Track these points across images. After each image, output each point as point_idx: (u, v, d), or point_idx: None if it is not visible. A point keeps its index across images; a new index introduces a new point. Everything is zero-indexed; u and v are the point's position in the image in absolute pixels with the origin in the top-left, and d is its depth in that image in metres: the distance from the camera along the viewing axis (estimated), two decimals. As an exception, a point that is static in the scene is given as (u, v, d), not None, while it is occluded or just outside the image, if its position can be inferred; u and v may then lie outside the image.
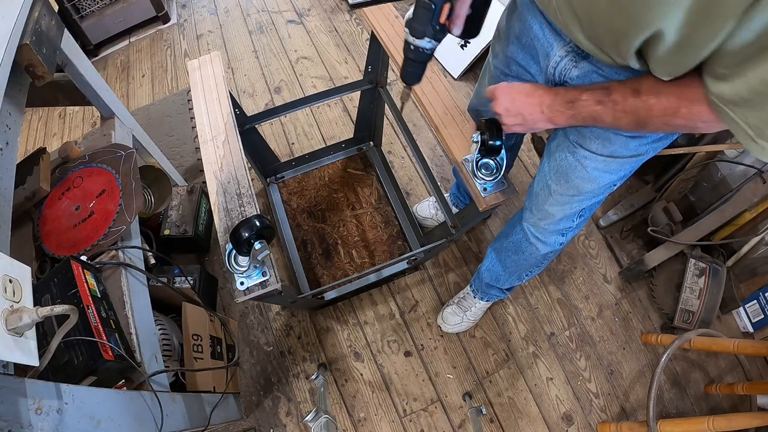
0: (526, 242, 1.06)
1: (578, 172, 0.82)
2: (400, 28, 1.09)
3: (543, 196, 0.93)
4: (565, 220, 0.95)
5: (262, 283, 0.80)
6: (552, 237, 1.00)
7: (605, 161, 0.78)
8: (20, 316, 0.52)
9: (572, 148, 0.81)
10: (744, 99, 0.49)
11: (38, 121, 2.16)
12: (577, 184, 0.85)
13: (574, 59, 0.69)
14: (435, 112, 0.98)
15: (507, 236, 1.14)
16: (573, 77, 0.71)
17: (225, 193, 0.89)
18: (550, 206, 0.93)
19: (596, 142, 0.76)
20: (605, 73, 0.66)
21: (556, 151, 0.85)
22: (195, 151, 1.88)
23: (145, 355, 0.89)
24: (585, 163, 0.80)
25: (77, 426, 0.60)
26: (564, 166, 0.84)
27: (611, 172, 0.80)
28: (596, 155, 0.78)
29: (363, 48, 2.16)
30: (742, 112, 0.50)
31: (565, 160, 0.83)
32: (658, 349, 1.48)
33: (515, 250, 1.12)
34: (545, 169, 0.91)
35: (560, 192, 0.88)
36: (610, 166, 0.79)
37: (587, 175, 0.81)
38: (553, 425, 1.38)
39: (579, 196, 0.87)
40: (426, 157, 1.78)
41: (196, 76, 1.07)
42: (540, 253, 1.05)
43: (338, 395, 1.41)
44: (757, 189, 1.31)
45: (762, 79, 0.46)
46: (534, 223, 1.00)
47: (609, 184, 0.84)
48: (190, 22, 2.37)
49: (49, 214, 1.03)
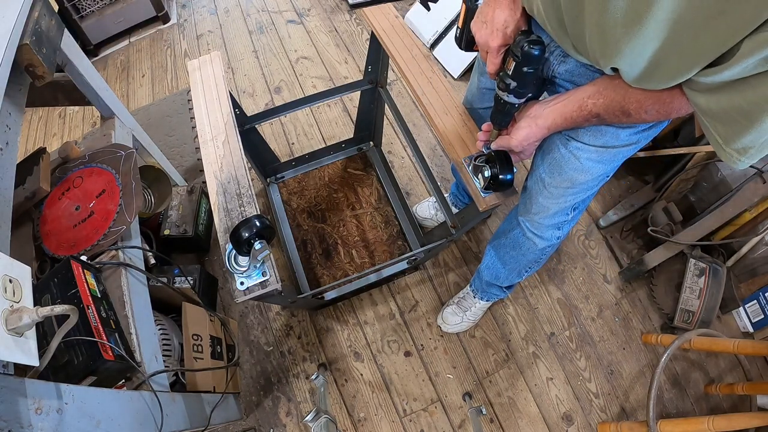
0: (523, 237, 1.06)
1: (572, 164, 0.83)
2: (400, 28, 1.10)
3: (537, 189, 0.94)
4: (560, 214, 0.95)
5: (262, 283, 0.80)
6: (548, 231, 1.00)
7: (598, 151, 0.79)
8: (20, 316, 0.52)
9: (564, 141, 0.82)
10: (714, 113, 0.53)
11: (38, 121, 2.16)
12: (571, 176, 0.85)
13: (561, 55, 0.73)
14: (435, 112, 0.97)
15: (504, 233, 1.15)
16: (561, 72, 0.74)
17: (225, 193, 0.89)
18: (544, 199, 0.93)
19: (588, 134, 0.78)
20: (593, 69, 0.69)
21: (549, 145, 0.86)
22: (195, 151, 1.88)
23: (145, 355, 0.89)
24: (578, 154, 0.81)
25: (77, 426, 0.60)
26: (557, 159, 0.85)
27: (604, 162, 0.82)
28: (589, 146, 0.79)
29: (363, 48, 2.16)
30: (712, 122, 0.54)
31: (558, 153, 0.84)
32: (658, 349, 1.48)
33: (513, 246, 1.12)
34: (538, 163, 0.91)
35: (554, 185, 0.89)
36: (603, 156, 0.80)
37: (581, 166, 0.82)
38: (553, 425, 1.38)
39: (573, 188, 0.88)
40: (426, 157, 1.78)
41: (196, 76, 1.07)
42: (538, 247, 1.05)
43: (338, 395, 1.41)
44: (757, 189, 1.31)
45: (732, 104, 0.50)
46: (530, 218, 1.01)
47: (602, 174, 0.85)
48: (190, 22, 2.37)
49: (49, 214, 1.03)
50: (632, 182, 1.77)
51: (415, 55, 1.05)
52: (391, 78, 2.01)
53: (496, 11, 0.72)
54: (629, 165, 1.34)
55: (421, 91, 1.00)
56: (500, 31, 0.72)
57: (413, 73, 1.02)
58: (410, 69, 1.03)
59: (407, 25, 1.10)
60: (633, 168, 1.77)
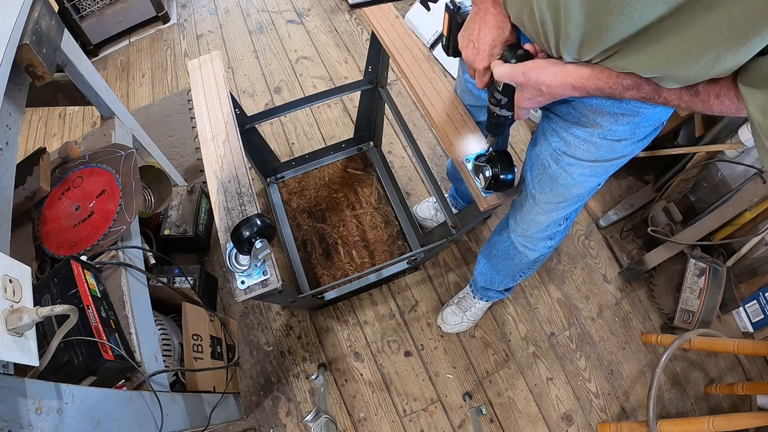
0: (514, 250, 1.05)
1: (563, 179, 0.80)
2: (401, 28, 1.10)
3: (528, 206, 0.91)
4: (552, 226, 0.94)
5: (263, 282, 0.80)
6: (540, 243, 0.99)
7: (591, 166, 0.76)
8: (20, 316, 0.52)
9: (555, 156, 0.78)
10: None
11: (38, 121, 2.16)
12: (563, 192, 0.83)
13: None
14: (435, 112, 0.97)
15: (495, 245, 1.13)
16: None
17: (225, 192, 0.89)
18: (536, 215, 0.91)
19: (582, 148, 0.74)
20: None
21: (538, 160, 0.83)
22: (195, 151, 1.88)
23: (145, 355, 0.89)
24: (570, 170, 0.78)
25: (77, 426, 0.60)
26: (549, 175, 0.81)
27: (597, 175, 0.79)
28: (582, 161, 0.76)
29: (363, 48, 2.16)
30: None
31: (549, 169, 0.81)
32: (658, 349, 1.48)
33: (504, 257, 1.11)
34: (527, 178, 0.88)
35: (546, 200, 0.87)
36: (596, 170, 0.78)
37: (573, 181, 0.79)
38: (553, 425, 1.38)
39: (565, 202, 0.86)
40: (426, 157, 1.78)
41: (197, 76, 1.07)
42: (530, 259, 1.05)
43: (338, 395, 1.41)
44: (757, 189, 1.31)
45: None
46: (521, 233, 0.99)
47: (595, 186, 0.83)
48: (190, 22, 2.37)
49: (49, 214, 1.03)
50: (632, 182, 1.77)
51: (416, 55, 1.05)
52: (391, 78, 2.01)
53: (483, 31, 0.67)
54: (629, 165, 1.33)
55: (421, 91, 1.00)
56: (486, 53, 0.67)
57: (414, 73, 1.02)
58: (411, 69, 1.03)
59: (407, 25, 1.10)
60: (633, 168, 1.77)
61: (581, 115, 0.71)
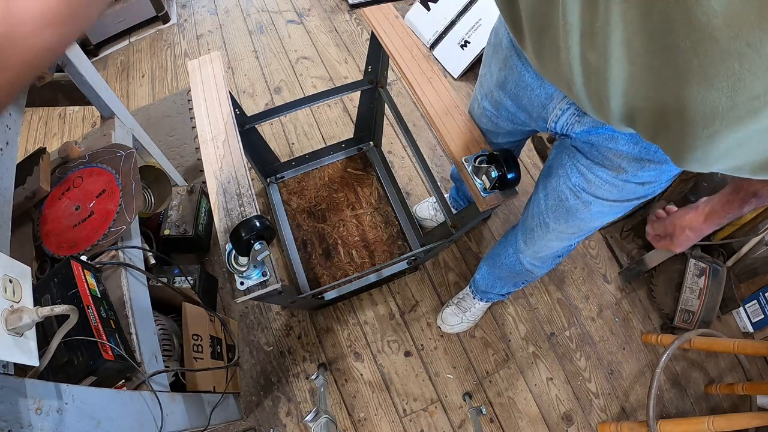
0: (520, 266, 1.05)
1: (582, 213, 0.77)
2: (400, 28, 1.10)
3: (540, 233, 0.89)
4: (563, 249, 0.93)
5: (262, 283, 0.80)
6: (549, 261, 0.99)
7: (611, 205, 0.74)
8: (20, 316, 0.52)
9: (575, 191, 0.76)
10: None
11: (38, 121, 2.16)
12: (579, 224, 0.81)
13: (577, 113, 0.66)
14: (435, 112, 0.97)
15: (499, 257, 1.12)
16: (577, 132, 0.68)
17: (225, 193, 0.89)
18: (549, 241, 0.90)
19: (603, 188, 0.71)
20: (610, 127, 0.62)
21: (555, 191, 0.80)
22: (195, 151, 1.88)
23: (145, 355, 0.89)
24: (591, 207, 0.75)
25: (77, 426, 0.60)
26: (565, 208, 0.79)
27: (617, 213, 0.77)
28: (602, 200, 0.73)
29: (363, 48, 2.15)
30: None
31: (567, 202, 0.78)
32: (658, 349, 1.48)
33: (509, 270, 1.10)
34: (542, 206, 0.85)
35: (560, 230, 0.85)
36: (615, 209, 0.75)
37: (591, 216, 0.77)
38: (553, 425, 1.38)
39: (580, 232, 0.85)
40: (426, 157, 1.78)
41: (196, 76, 1.07)
42: (536, 275, 1.05)
43: (338, 395, 1.41)
44: (757, 189, 1.31)
45: None
46: (531, 255, 0.98)
47: (612, 218, 0.81)
48: (190, 22, 2.37)
49: (49, 214, 1.03)
50: (632, 182, 1.77)
51: (415, 55, 1.05)
52: (391, 78, 2.01)
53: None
54: (629, 165, 1.34)
55: (421, 92, 1.00)
56: None
57: (413, 73, 1.02)
58: (410, 69, 1.03)
59: (407, 25, 1.10)
60: (633, 168, 1.77)
61: (605, 159, 0.68)
